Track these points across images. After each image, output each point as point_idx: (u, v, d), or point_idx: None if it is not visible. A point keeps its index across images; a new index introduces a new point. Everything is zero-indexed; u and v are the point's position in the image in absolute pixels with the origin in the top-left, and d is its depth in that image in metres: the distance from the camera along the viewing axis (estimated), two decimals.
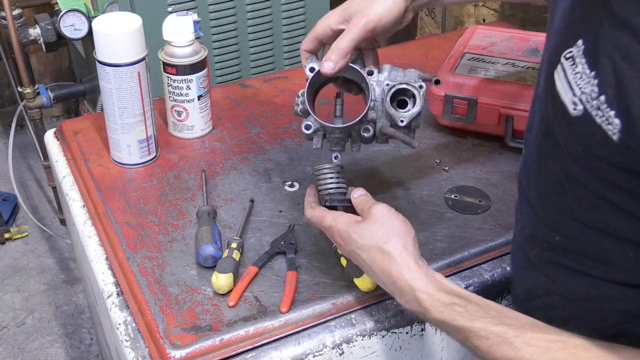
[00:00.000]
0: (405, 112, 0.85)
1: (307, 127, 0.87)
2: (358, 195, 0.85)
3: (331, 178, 0.87)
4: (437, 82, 0.85)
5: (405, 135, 0.85)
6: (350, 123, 0.86)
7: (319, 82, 0.89)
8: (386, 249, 0.76)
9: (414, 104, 0.85)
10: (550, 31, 0.69)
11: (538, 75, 0.73)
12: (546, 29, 0.71)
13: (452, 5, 2.35)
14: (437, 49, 1.45)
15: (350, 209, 0.85)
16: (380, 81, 0.85)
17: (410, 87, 0.84)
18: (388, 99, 0.84)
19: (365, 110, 0.85)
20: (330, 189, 0.87)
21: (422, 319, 0.76)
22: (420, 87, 0.84)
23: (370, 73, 0.86)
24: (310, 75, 0.86)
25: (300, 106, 0.89)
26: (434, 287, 0.73)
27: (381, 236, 0.77)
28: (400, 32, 0.90)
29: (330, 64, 0.82)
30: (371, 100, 0.85)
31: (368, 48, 0.89)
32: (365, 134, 0.87)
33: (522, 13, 2.00)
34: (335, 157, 0.89)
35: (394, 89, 0.84)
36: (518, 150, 1.14)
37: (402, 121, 0.84)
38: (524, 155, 0.77)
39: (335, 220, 0.81)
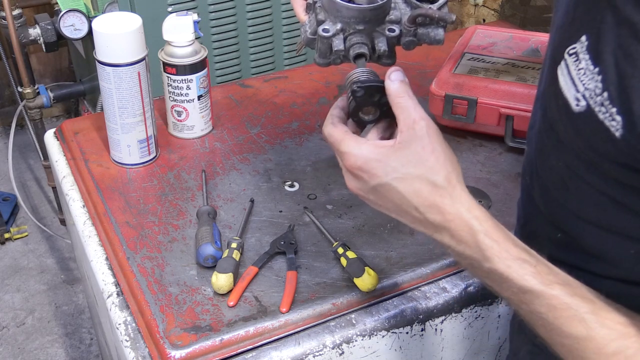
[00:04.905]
0: (433, 3, 0.76)
1: (326, 30, 0.76)
2: (394, 79, 0.67)
3: (367, 73, 0.75)
4: None
5: (440, 11, 0.75)
6: (376, 4, 0.76)
7: None
8: (438, 182, 0.63)
9: None
10: (553, 28, 0.69)
11: (541, 73, 0.73)
12: (550, 26, 0.71)
13: (452, 5, 2.35)
14: (437, 49, 1.43)
15: (382, 113, 0.70)
16: None
17: None
18: None
19: None
20: (361, 80, 0.74)
21: (464, 269, 0.64)
22: None
23: None
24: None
25: (310, 31, 0.79)
26: (502, 235, 0.61)
27: (431, 166, 0.63)
28: None
29: None
30: None
31: None
32: (391, 34, 0.78)
33: (522, 13, 2.00)
34: (361, 56, 0.78)
35: None
36: (518, 150, 1.14)
37: None
38: (527, 152, 0.77)
39: (360, 147, 0.66)
